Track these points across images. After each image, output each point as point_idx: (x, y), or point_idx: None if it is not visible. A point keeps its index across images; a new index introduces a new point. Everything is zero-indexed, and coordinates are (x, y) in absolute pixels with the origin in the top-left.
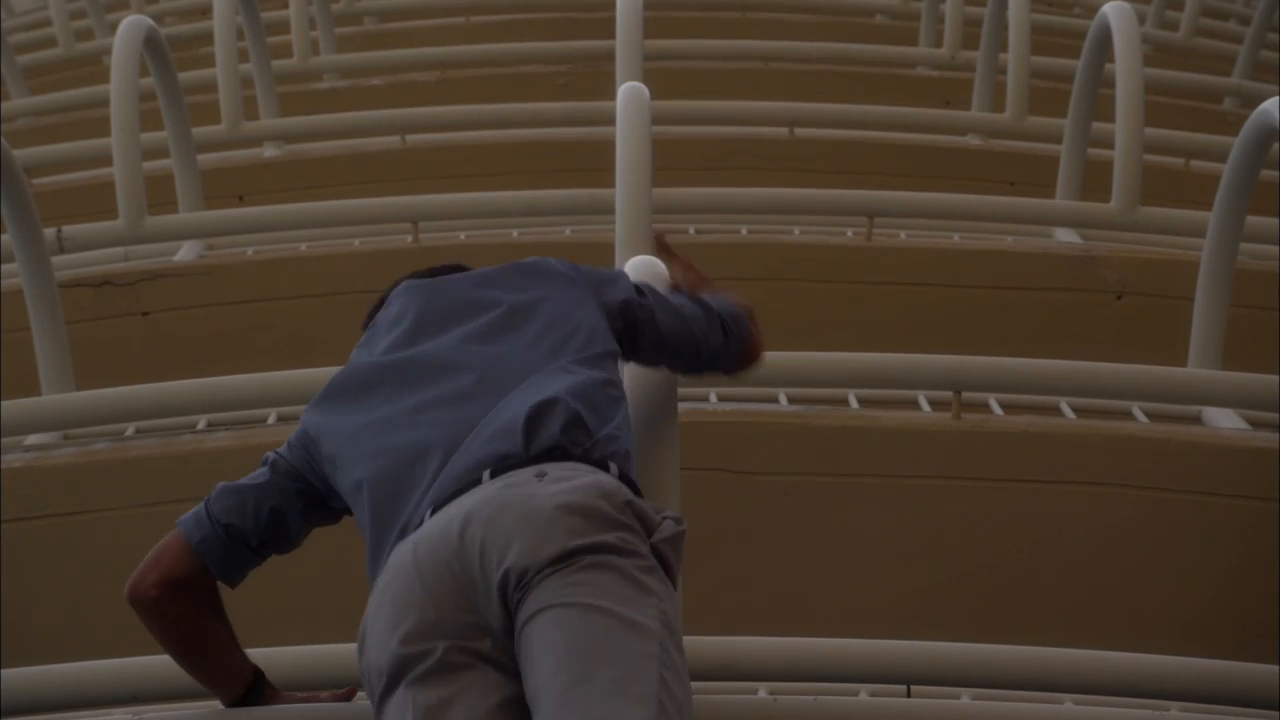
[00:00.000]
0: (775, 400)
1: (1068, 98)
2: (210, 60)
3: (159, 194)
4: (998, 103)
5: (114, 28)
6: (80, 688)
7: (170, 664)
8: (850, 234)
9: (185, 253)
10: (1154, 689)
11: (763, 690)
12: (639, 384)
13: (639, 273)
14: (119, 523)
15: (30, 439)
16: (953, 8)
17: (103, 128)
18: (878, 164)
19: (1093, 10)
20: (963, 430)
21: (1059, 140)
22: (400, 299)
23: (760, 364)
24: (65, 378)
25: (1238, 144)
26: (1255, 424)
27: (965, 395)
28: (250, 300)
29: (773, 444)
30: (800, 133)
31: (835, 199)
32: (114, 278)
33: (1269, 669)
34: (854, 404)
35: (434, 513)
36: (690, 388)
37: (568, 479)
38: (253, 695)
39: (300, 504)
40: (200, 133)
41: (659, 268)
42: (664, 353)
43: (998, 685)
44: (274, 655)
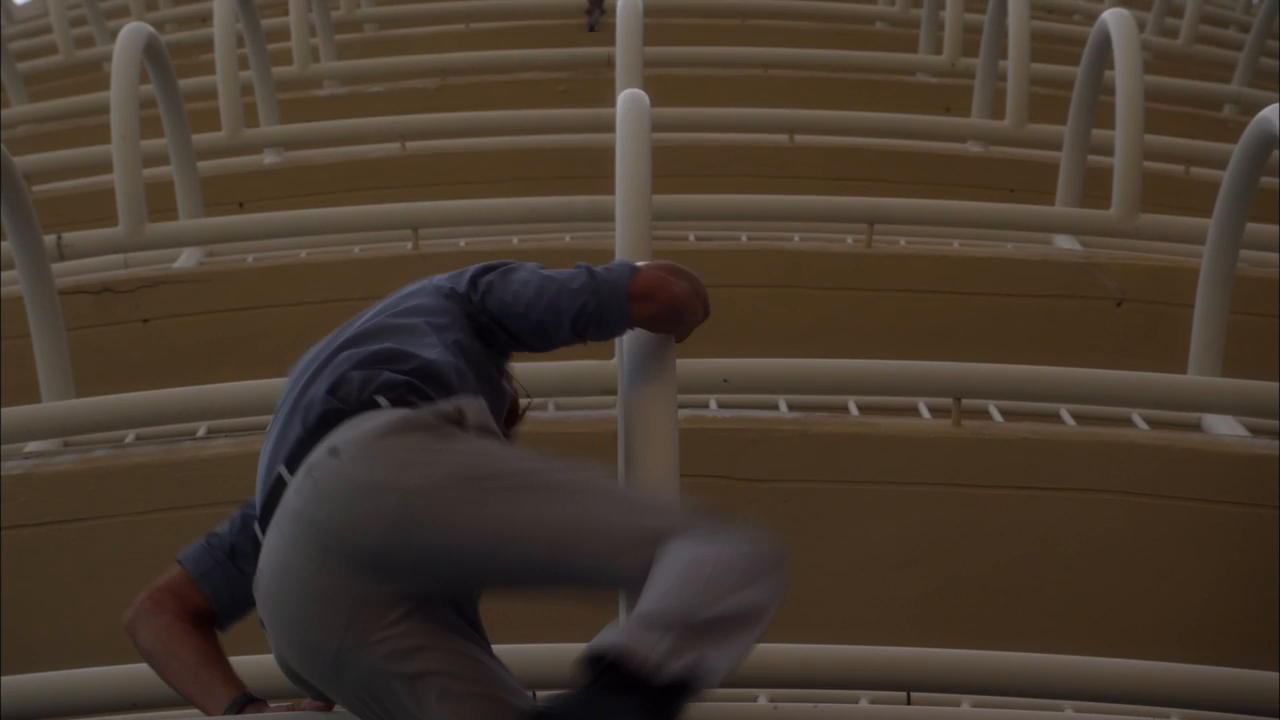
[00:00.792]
0: (775, 407)
1: (1068, 104)
2: (210, 67)
3: (159, 201)
4: (998, 109)
5: (114, 35)
6: (81, 695)
7: None
8: (850, 241)
9: (185, 259)
10: (1154, 696)
11: (763, 697)
12: (640, 390)
13: None
14: (118, 529)
15: (30, 446)
16: (953, 15)
17: (103, 134)
18: (878, 171)
19: (1092, 17)
20: (963, 437)
21: (1059, 147)
22: None
23: (671, 305)
24: (65, 385)
25: (1237, 151)
26: (1255, 431)
27: (965, 402)
28: (250, 307)
29: (773, 451)
30: (800, 139)
31: (835, 206)
32: (114, 285)
33: (1269, 675)
34: (854, 411)
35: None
36: (690, 394)
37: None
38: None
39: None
40: (200, 139)
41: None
42: (542, 321)
43: (998, 692)
44: (258, 664)
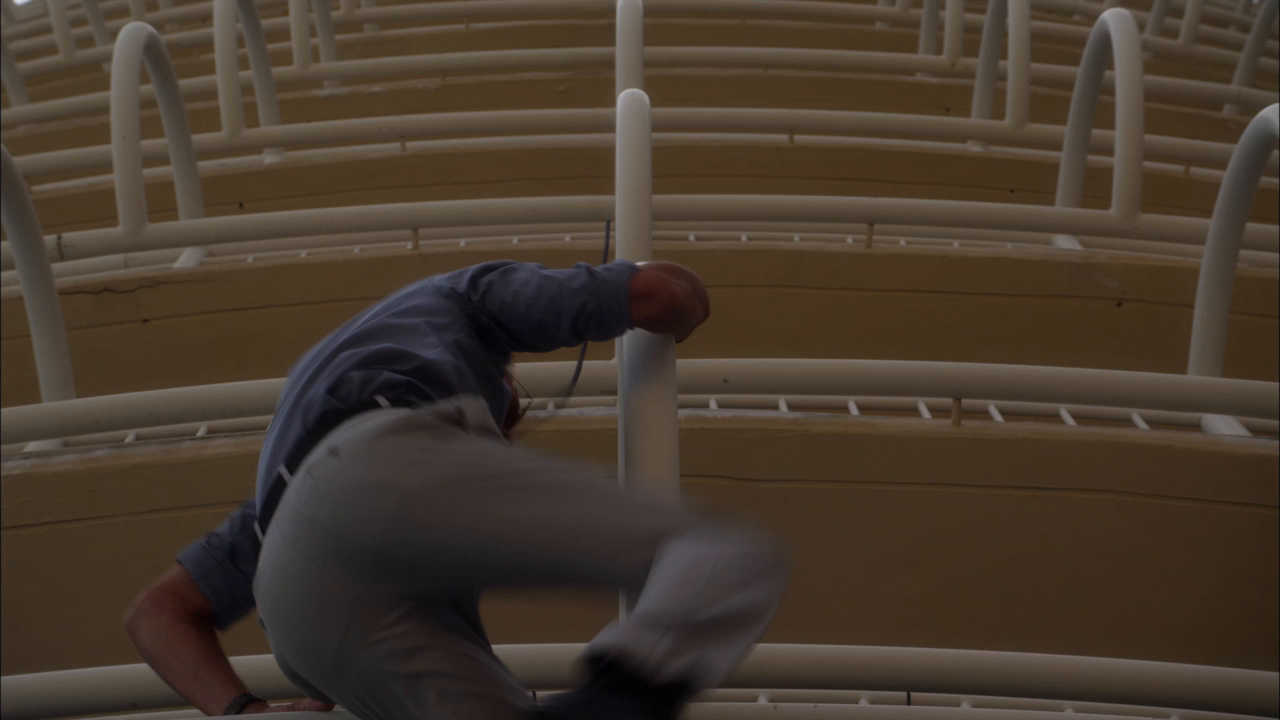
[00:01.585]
0: (775, 407)
1: (1068, 104)
2: (210, 67)
3: (159, 201)
4: (998, 109)
5: (114, 35)
6: (80, 695)
7: None
8: (850, 241)
9: (185, 260)
10: (1154, 696)
11: (763, 697)
12: (640, 390)
13: None
14: (118, 529)
15: (30, 446)
16: (952, 15)
17: (103, 135)
18: (878, 171)
19: (1092, 17)
20: (963, 437)
21: (1059, 147)
22: None
23: (671, 304)
24: (65, 384)
25: (1237, 151)
26: (1255, 431)
27: (965, 402)
28: (250, 307)
29: (773, 451)
30: (800, 139)
31: (835, 206)
32: (114, 285)
33: (1269, 675)
34: (854, 411)
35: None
36: (690, 394)
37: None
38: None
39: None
40: (200, 139)
41: None
42: (542, 321)
43: (998, 692)
44: (258, 664)
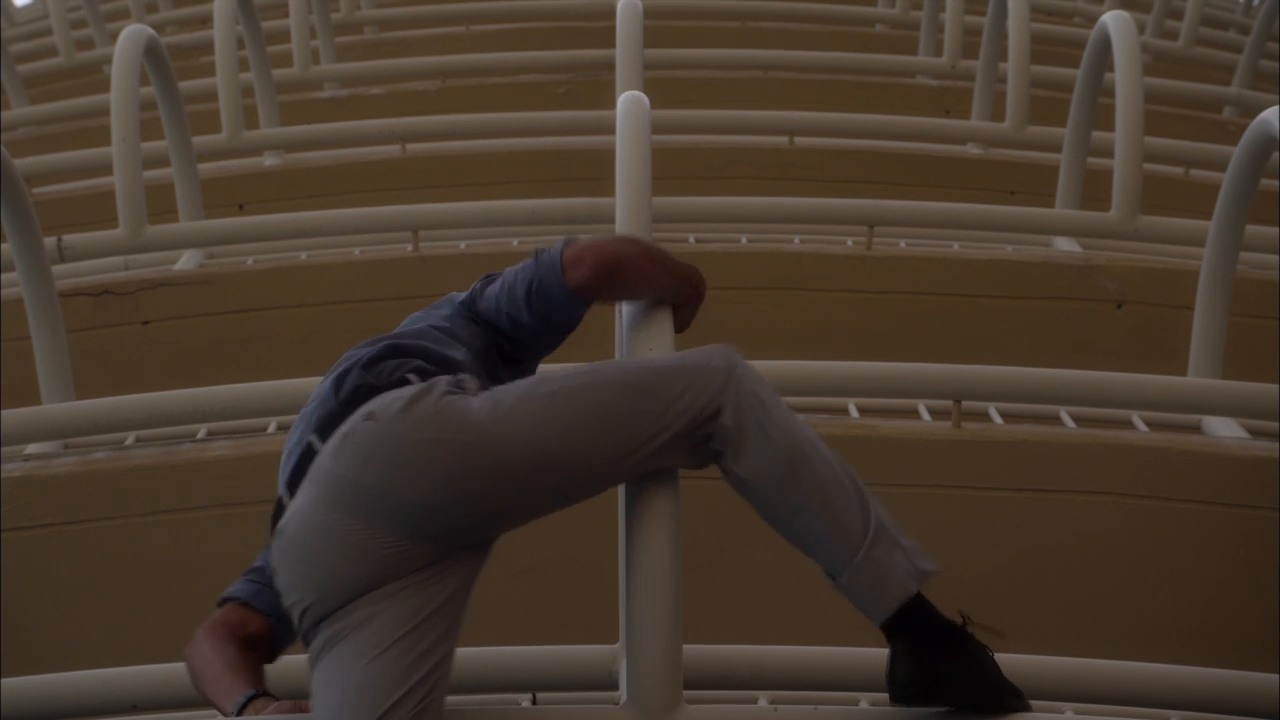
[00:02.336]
0: None
1: (1067, 107)
2: (211, 69)
3: (159, 203)
4: (998, 112)
5: (114, 37)
6: (80, 697)
7: (169, 673)
8: (850, 243)
9: (185, 262)
10: (1154, 698)
11: (763, 699)
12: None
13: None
14: (118, 532)
15: (30, 448)
16: (952, 17)
17: (103, 137)
18: (878, 173)
19: (1092, 19)
20: (963, 439)
21: (1059, 149)
22: None
23: (603, 263)
24: (65, 387)
25: (1237, 153)
26: (1255, 433)
27: (965, 404)
28: (250, 309)
29: None
30: (800, 142)
31: (835, 208)
32: (114, 287)
33: (1269, 678)
34: (854, 413)
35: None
36: None
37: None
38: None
39: None
40: (201, 142)
41: None
42: (509, 313)
43: None
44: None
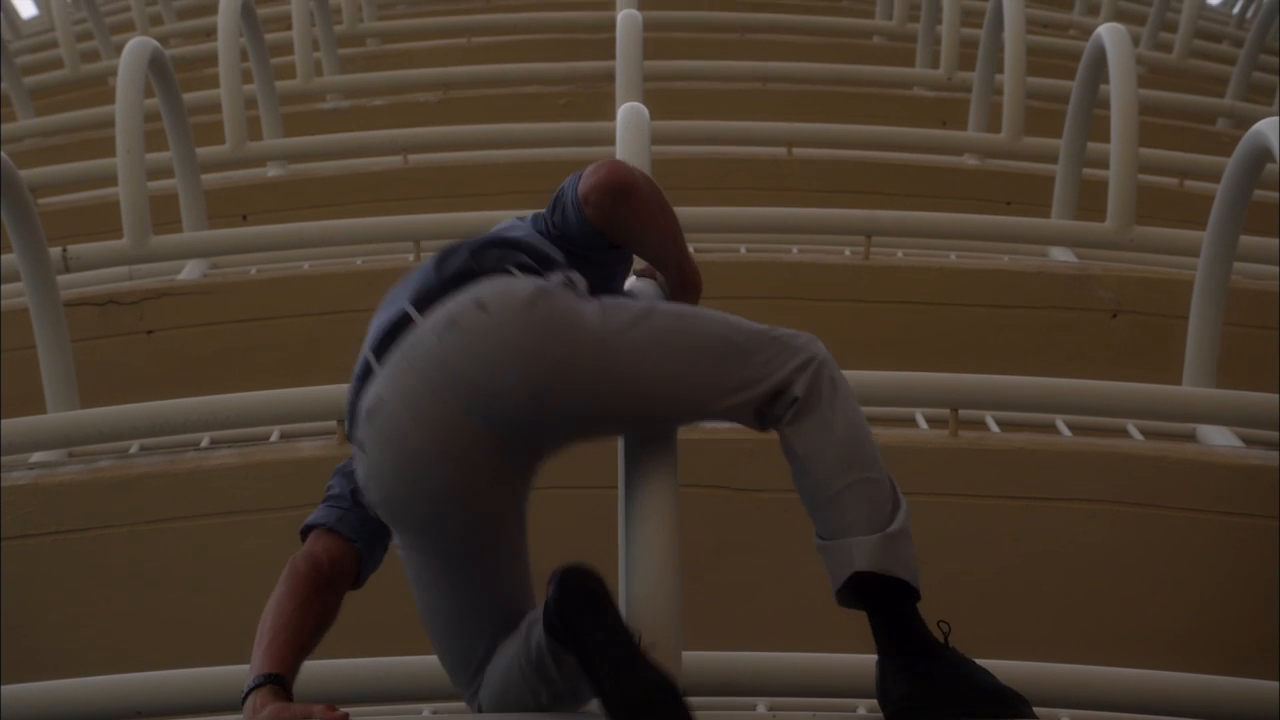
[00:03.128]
0: None
1: (1063, 118)
2: (214, 81)
3: (163, 213)
4: (994, 123)
5: (119, 49)
6: (83, 704)
7: (173, 679)
8: (848, 253)
9: (189, 271)
10: (1150, 704)
11: (761, 706)
12: None
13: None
14: (123, 540)
15: (35, 456)
16: (949, 29)
17: (108, 148)
18: (875, 183)
19: (1088, 32)
20: (959, 447)
21: (1055, 160)
22: None
23: (622, 183)
24: (70, 395)
25: (1231, 164)
26: (1249, 441)
27: (962, 413)
28: (253, 319)
29: (771, 461)
30: (798, 152)
31: (833, 218)
32: (118, 296)
33: (1266, 685)
34: None
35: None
36: None
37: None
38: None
39: None
40: (204, 153)
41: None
42: (565, 227)
43: None
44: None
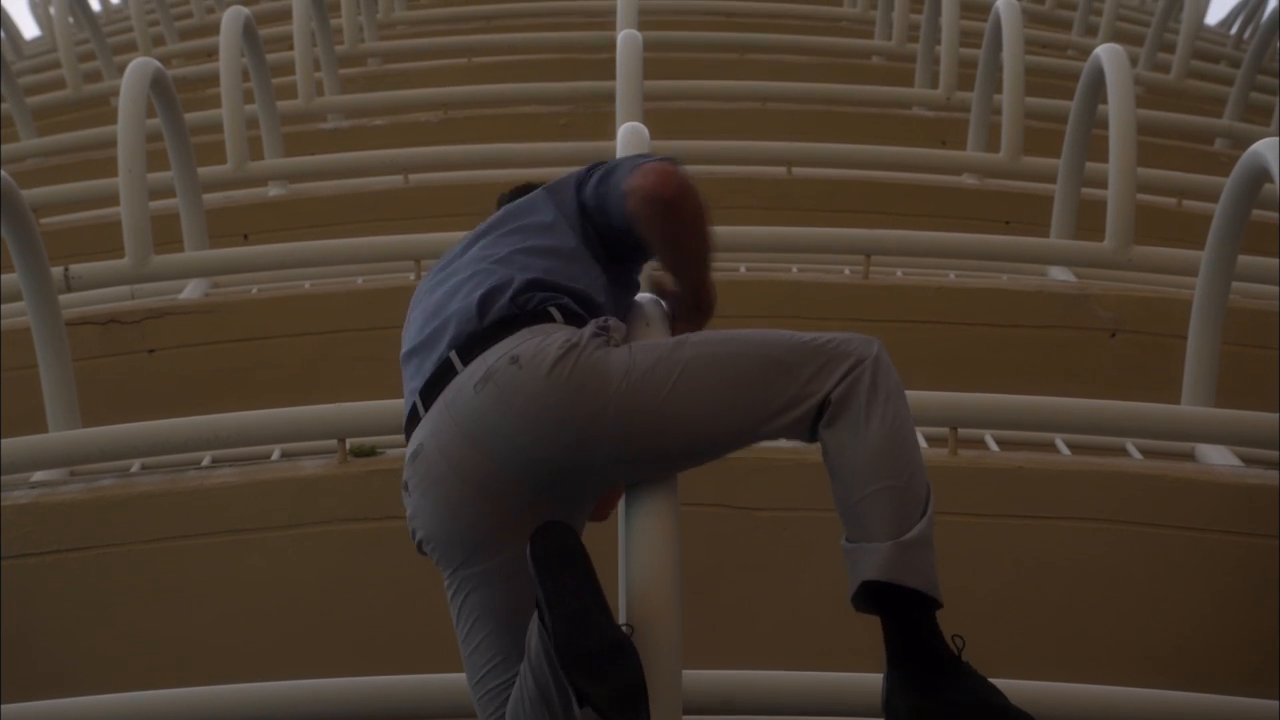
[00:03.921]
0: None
1: (1062, 138)
2: (216, 101)
3: (165, 233)
4: (993, 143)
5: (122, 69)
6: None
7: (174, 698)
8: (848, 272)
9: (190, 291)
10: None
11: None
12: None
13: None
14: (124, 559)
15: (36, 475)
16: (948, 49)
17: (110, 168)
18: (875, 203)
19: (1086, 52)
20: (959, 466)
21: (1053, 180)
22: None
23: (665, 193)
24: (71, 414)
25: (1229, 185)
26: (1248, 460)
27: (962, 431)
28: (254, 338)
29: (770, 479)
30: (798, 172)
31: (833, 237)
32: (120, 315)
33: (1267, 704)
34: None
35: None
36: None
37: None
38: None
39: None
40: (206, 172)
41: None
42: (602, 212)
43: None
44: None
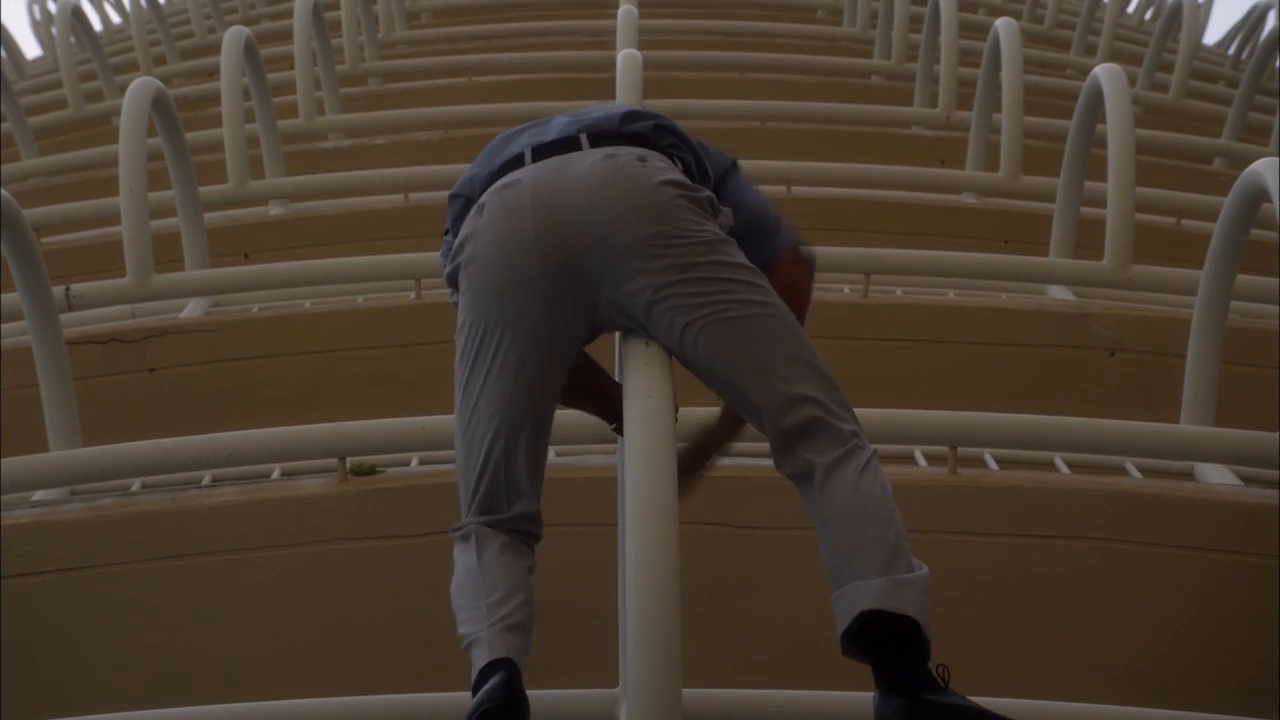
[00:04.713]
0: None
1: (1060, 157)
2: (217, 120)
3: (166, 252)
4: (992, 162)
5: (123, 89)
6: None
7: (176, 718)
8: (847, 290)
9: (191, 310)
10: None
11: None
12: (635, 438)
13: None
14: (124, 578)
15: (37, 494)
16: (947, 69)
17: (111, 187)
18: (874, 222)
19: (1084, 72)
20: (958, 485)
21: (1052, 199)
22: None
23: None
24: (72, 433)
25: (1227, 204)
26: (1247, 480)
27: (961, 450)
28: (255, 357)
29: (770, 498)
30: (798, 190)
31: (832, 256)
32: (121, 335)
33: None
34: None
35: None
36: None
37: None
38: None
39: None
40: (207, 192)
41: None
42: (756, 217)
43: None
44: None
